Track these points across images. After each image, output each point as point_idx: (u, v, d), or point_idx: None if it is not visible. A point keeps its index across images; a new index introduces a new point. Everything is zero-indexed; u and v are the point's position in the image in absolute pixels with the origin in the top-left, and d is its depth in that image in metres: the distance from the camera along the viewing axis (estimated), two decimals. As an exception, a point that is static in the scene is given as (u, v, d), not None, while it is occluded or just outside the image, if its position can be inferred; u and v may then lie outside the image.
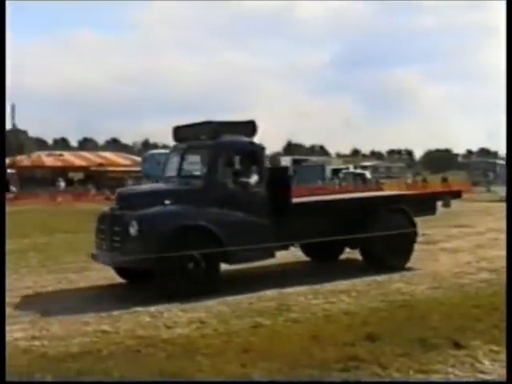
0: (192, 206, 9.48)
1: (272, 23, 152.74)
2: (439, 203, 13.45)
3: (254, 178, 10.03)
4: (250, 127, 10.47)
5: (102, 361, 6.00)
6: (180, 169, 10.59)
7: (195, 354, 6.14)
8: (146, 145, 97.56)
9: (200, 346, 6.43)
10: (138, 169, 59.35)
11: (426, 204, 12.20)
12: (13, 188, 44.72)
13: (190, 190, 9.90)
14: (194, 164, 10.66)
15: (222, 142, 10.12)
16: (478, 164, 66.69)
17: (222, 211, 9.63)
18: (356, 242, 11.01)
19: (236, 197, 9.82)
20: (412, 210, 11.47)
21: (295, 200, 10.86)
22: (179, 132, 11.01)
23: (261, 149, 10.43)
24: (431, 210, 12.32)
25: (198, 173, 10.44)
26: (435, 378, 5.45)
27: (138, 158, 65.13)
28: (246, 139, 10.37)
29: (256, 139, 10.44)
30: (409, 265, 11.27)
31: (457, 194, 14.00)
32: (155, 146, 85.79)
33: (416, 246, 11.72)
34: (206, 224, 9.30)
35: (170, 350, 6.33)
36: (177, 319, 7.78)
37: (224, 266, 9.80)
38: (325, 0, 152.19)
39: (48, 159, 66.04)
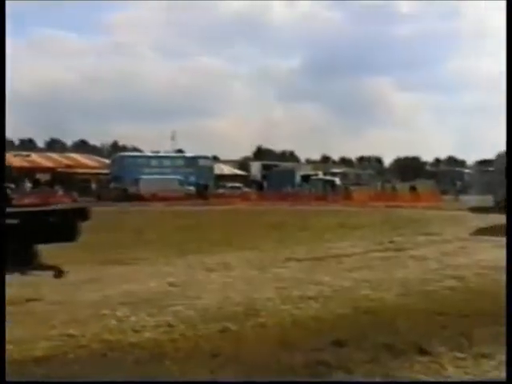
0: None
1: (245, 28, 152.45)
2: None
3: None
4: None
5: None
6: None
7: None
8: (115, 147, 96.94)
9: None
10: (107, 171, 59.06)
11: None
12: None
13: None
14: None
15: None
16: (446, 173, 67.66)
17: None
18: None
19: None
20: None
21: None
22: None
23: None
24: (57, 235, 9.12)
25: None
26: None
27: (107, 161, 64.80)
28: None
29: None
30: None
31: (82, 213, 9.48)
32: (124, 149, 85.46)
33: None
34: None
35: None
36: None
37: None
38: (298, 7, 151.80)
39: (15, 160, 65.36)
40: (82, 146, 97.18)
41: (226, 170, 74.17)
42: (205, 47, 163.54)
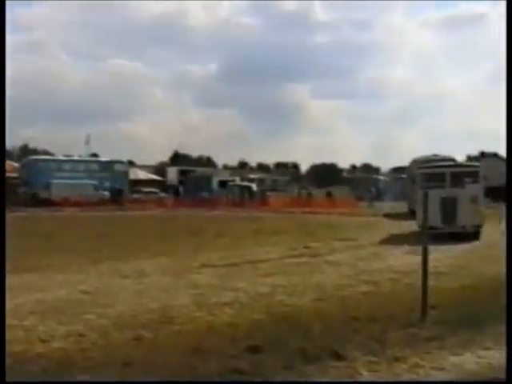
0: None
1: (162, 31, 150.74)
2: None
3: None
4: None
5: None
6: None
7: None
8: (25, 150, 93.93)
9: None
10: (16, 175, 57.11)
11: None
12: None
13: None
14: None
15: None
16: (362, 179, 69.14)
17: None
18: None
19: None
20: None
21: None
22: None
23: None
24: None
25: None
26: None
27: (16, 164, 62.74)
28: None
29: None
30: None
31: None
32: (35, 152, 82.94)
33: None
34: None
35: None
36: None
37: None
38: (216, 12, 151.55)
39: None
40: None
41: (142, 175, 73.23)
42: (121, 50, 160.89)
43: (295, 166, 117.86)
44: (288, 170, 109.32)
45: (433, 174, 21.19)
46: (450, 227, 18.71)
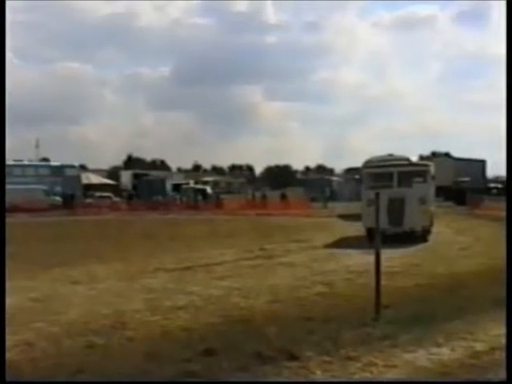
0: None
1: (113, 33, 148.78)
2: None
3: None
4: None
5: None
6: None
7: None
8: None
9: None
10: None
11: None
12: None
13: None
14: None
15: None
16: (316, 180, 69.42)
17: None
18: None
19: None
20: None
21: None
22: None
23: None
24: None
25: None
26: None
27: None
28: None
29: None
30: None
31: None
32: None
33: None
34: None
35: None
36: None
37: None
38: (168, 13, 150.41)
39: None
40: None
41: (95, 179, 72.28)
42: (70, 52, 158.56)
43: (250, 168, 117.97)
44: (242, 172, 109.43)
45: (380, 173, 20.60)
46: (397, 228, 18.47)
